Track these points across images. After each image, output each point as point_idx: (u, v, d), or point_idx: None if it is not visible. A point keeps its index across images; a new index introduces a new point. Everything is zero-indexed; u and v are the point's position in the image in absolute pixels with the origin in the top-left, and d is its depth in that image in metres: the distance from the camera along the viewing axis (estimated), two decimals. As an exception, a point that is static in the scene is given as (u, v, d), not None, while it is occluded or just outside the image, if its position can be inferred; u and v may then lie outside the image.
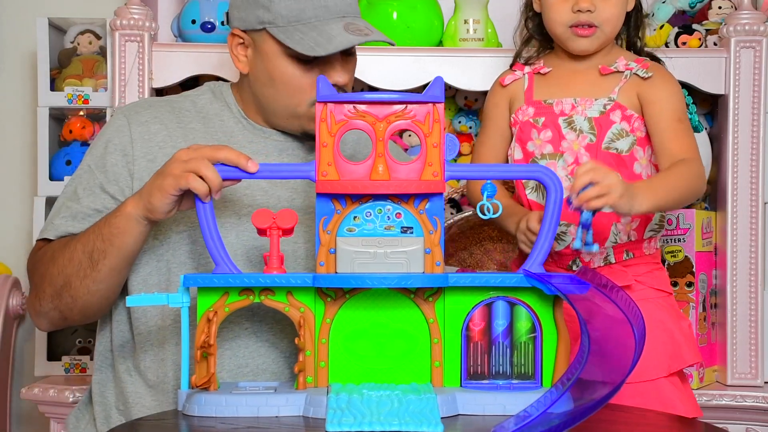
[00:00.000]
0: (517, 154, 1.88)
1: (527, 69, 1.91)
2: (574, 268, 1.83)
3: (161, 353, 1.70)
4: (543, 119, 1.84)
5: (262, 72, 1.73)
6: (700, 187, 1.77)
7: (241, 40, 1.75)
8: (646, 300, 1.80)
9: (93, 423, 1.76)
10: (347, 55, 1.74)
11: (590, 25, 1.81)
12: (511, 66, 1.94)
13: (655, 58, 1.91)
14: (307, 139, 1.78)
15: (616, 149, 1.81)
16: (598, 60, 1.86)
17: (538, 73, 1.90)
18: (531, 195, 1.86)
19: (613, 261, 1.83)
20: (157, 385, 1.69)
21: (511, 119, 1.89)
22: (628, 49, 1.92)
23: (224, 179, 1.51)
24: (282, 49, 1.70)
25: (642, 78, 1.82)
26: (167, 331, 1.70)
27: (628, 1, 1.86)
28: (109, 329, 1.76)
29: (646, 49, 1.93)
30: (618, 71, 1.84)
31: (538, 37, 1.93)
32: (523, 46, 1.95)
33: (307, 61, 1.69)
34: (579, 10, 1.80)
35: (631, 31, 1.92)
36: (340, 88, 1.71)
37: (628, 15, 1.89)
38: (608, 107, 1.82)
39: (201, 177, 1.50)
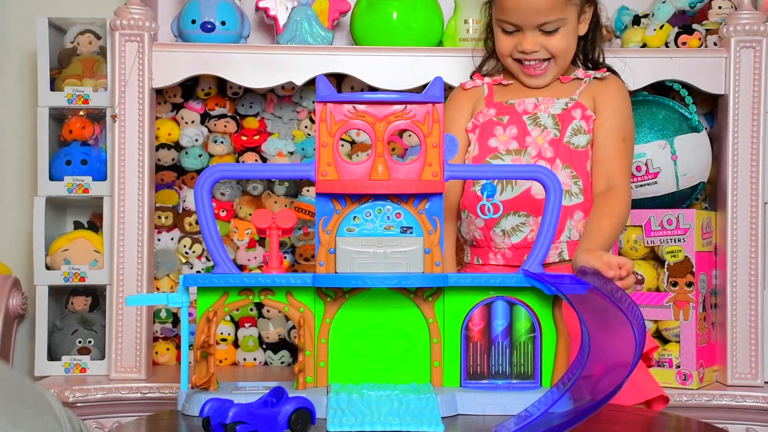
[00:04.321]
0: (474, 150, 1.90)
1: (487, 80, 1.96)
2: None
3: None
4: (507, 117, 1.89)
5: None
6: (628, 213, 1.84)
7: None
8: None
9: None
10: None
11: (545, 59, 1.86)
12: (471, 76, 1.99)
13: (613, 71, 1.96)
14: None
15: (575, 144, 1.85)
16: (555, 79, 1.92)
17: (499, 83, 1.94)
18: (475, 188, 1.88)
19: (567, 258, 1.84)
20: None
21: (470, 124, 1.91)
22: (586, 64, 1.97)
23: (225, 178, 1.50)
24: None
25: (599, 80, 1.88)
26: None
27: (579, 26, 1.89)
28: None
29: (606, 61, 1.98)
30: (578, 78, 1.91)
31: (496, 57, 1.97)
32: (484, 62, 2.00)
33: None
34: (523, 52, 1.86)
35: (588, 47, 1.96)
36: None
37: (585, 34, 1.93)
38: (570, 105, 1.87)
39: None
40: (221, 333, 2.44)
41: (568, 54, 1.89)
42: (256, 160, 2.48)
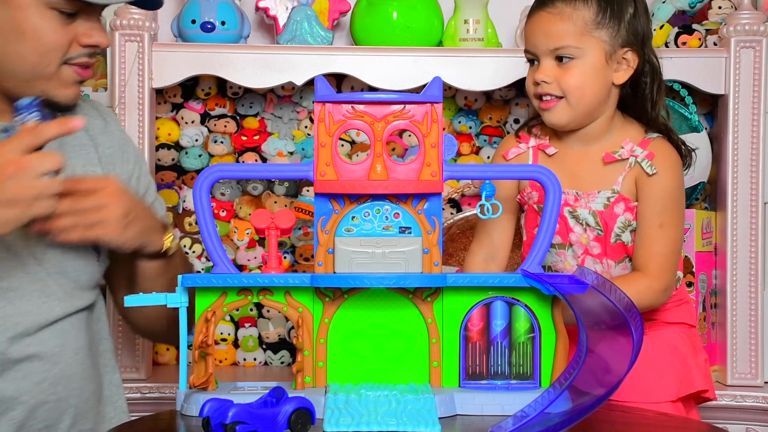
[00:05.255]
0: (524, 235, 1.89)
1: (532, 142, 1.88)
2: None
3: None
4: None
5: (5, 24, 1.50)
6: (649, 305, 1.77)
7: None
8: (664, 327, 1.83)
9: None
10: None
11: (557, 96, 1.78)
12: (517, 134, 1.92)
13: (666, 130, 1.83)
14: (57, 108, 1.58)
15: (621, 240, 1.80)
16: (601, 143, 1.82)
17: (544, 151, 1.86)
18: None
19: None
20: None
21: (518, 198, 1.89)
22: (641, 118, 1.84)
23: (224, 178, 1.50)
24: None
25: (647, 173, 1.77)
26: None
27: (616, 75, 1.78)
28: None
29: (660, 119, 1.84)
30: (622, 159, 1.79)
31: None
32: (531, 119, 1.93)
33: (68, 15, 1.50)
34: (535, 82, 1.79)
35: (647, 106, 1.83)
36: (92, 53, 1.56)
37: (639, 83, 1.82)
38: (612, 200, 1.79)
39: None
40: (221, 333, 2.44)
41: (583, 95, 1.76)
42: (256, 160, 2.48)
